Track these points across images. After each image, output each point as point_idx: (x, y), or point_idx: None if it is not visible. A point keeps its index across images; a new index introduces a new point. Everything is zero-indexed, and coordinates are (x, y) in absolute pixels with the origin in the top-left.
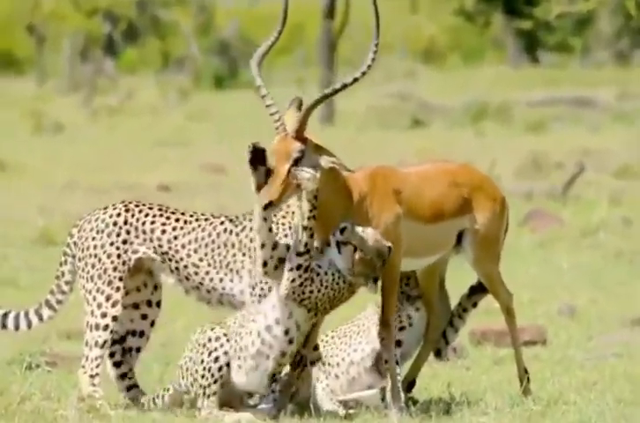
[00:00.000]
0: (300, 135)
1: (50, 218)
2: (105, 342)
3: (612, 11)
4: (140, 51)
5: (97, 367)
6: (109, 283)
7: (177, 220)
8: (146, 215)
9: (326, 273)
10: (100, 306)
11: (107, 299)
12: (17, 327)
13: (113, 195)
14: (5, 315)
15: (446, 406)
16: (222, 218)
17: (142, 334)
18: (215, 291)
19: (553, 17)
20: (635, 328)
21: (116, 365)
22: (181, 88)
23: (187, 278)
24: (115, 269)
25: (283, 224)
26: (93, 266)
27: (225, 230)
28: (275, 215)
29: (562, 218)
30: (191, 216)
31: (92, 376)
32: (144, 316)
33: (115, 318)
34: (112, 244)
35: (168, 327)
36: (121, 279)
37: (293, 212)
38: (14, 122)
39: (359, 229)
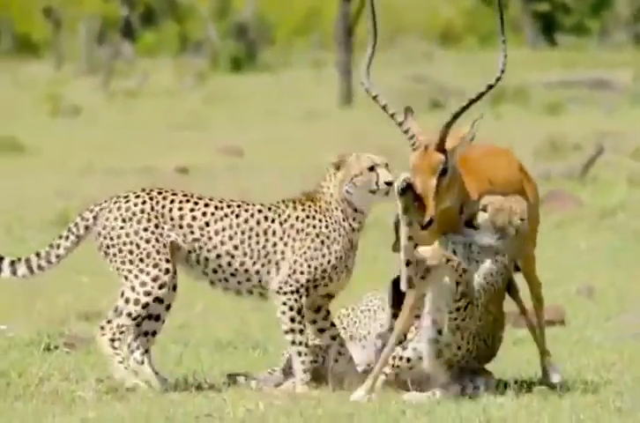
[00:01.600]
0: (441, 148)
1: (68, 201)
2: (138, 316)
3: None
4: (158, 34)
5: (120, 333)
6: (156, 265)
7: (206, 206)
8: (172, 201)
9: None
10: (144, 284)
11: (155, 279)
12: None
13: (130, 177)
14: None
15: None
16: (259, 206)
17: (158, 318)
18: (249, 282)
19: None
20: None
21: (131, 351)
22: (198, 71)
23: (214, 271)
24: (158, 252)
25: (330, 216)
26: (132, 252)
27: (265, 218)
28: (317, 205)
29: (581, 199)
30: (220, 202)
31: (112, 340)
32: (160, 300)
33: (157, 299)
34: (146, 229)
35: (186, 310)
36: (168, 261)
37: (330, 203)
38: (32, 105)
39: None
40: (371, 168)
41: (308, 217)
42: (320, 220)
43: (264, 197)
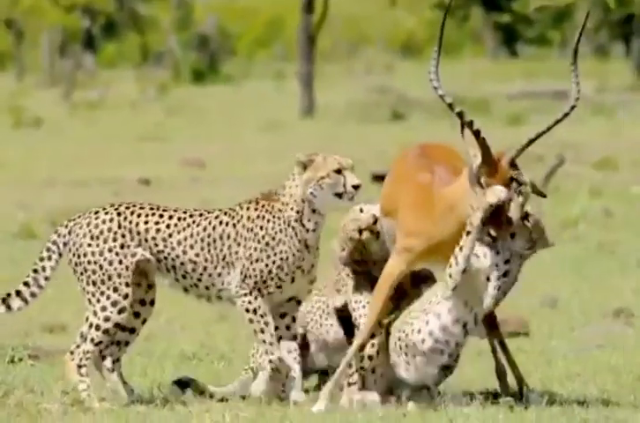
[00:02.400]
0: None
1: (30, 213)
2: (100, 342)
3: (591, 3)
4: (119, 46)
5: (86, 359)
6: (115, 289)
7: (170, 218)
8: (139, 215)
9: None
10: (104, 309)
11: (114, 304)
12: None
13: (93, 189)
14: None
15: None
16: (217, 212)
17: (132, 330)
18: (214, 286)
19: (531, 10)
20: (616, 319)
21: (102, 357)
22: (160, 83)
23: (184, 277)
24: (119, 275)
25: (279, 217)
26: (94, 272)
27: (220, 222)
28: (271, 205)
29: (543, 209)
30: (184, 212)
31: (79, 366)
32: (136, 314)
33: (117, 324)
34: (110, 250)
35: (151, 321)
36: (127, 285)
37: (287, 204)
38: None
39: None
40: (338, 171)
41: (258, 217)
42: (268, 221)
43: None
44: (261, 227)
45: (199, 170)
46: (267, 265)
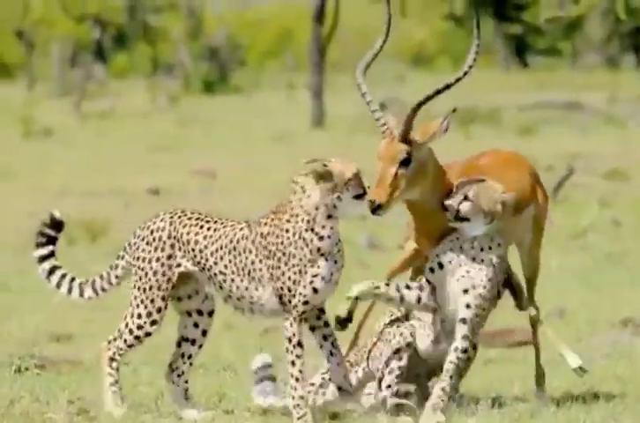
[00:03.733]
0: (405, 137)
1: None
2: (132, 345)
3: (601, 15)
4: (130, 56)
5: (120, 355)
6: (152, 301)
7: (208, 229)
8: (184, 226)
9: (482, 249)
10: (140, 316)
11: (149, 315)
12: (58, 286)
13: (104, 199)
14: (63, 276)
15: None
16: (243, 224)
17: (194, 342)
18: (244, 299)
19: (542, 21)
20: (624, 329)
21: (172, 369)
22: (170, 93)
23: (221, 287)
24: (159, 288)
25: (287, 230)
26: (141, 278)
27: (243, 236)
28: (280, 219)
29: (552, 220)
30: (221, 223)
31: (111, 359)
32: (195, 324)
33: (148, 334)
34: (158, 260)
35: (158, 330)
36: (163, 299)
37: (297, 215)
38: (4, 127)
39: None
40: (357, 174)
41: (268, 233)
42: (277, 236)
43: (235, 218)
44: (272, 244)
45: (210, 180)
46: (284, 282)
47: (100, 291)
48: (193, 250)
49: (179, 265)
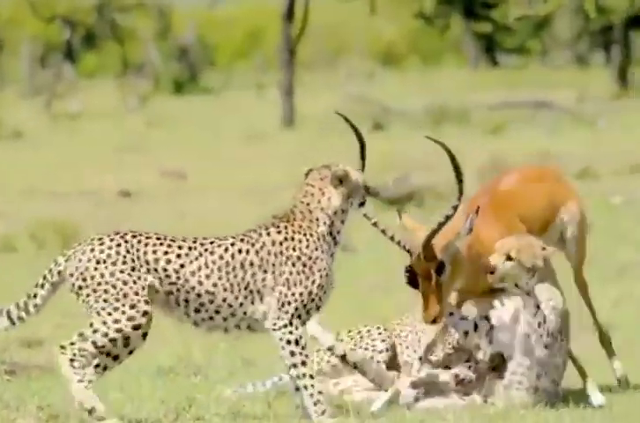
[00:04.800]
0: (429, 257)
1: (10, 224)
2: (103, 347)
3: (570, 13)
4: (99, 56)
5: (81, 356)
6: (133, 306)
7: (180, 248)
8: (146, 245)
9: None
10: (117, 321)
11: (129, 319)
12: None
13: (73, 200)
14: None
15: (404, 411)
16: (231, 240)
17: (116, 358)
18: (234, 317)
19: (511, 20)
20: (596, 330)
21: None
22: (140, 93)
23: (197, 310)
24: (136, 293)
25: (311, 234)
26: (107, 291)
27: (239, 251)
28: (300, 224)
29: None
30: (194, 242)
31: (72, 360)
32: (126, 344)
33: (127, 339)
34: (122, 271)
35: None
36: (147, 303)
37: (318, 219)
38: None
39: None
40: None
41: (286, 239)
42: (300, 241)
43: (206, 219)
44: (293, 249)
45: (180, 181)
46: (307, 287)
47: (17, 321)
48: (165, 270)
49: (146, 279)
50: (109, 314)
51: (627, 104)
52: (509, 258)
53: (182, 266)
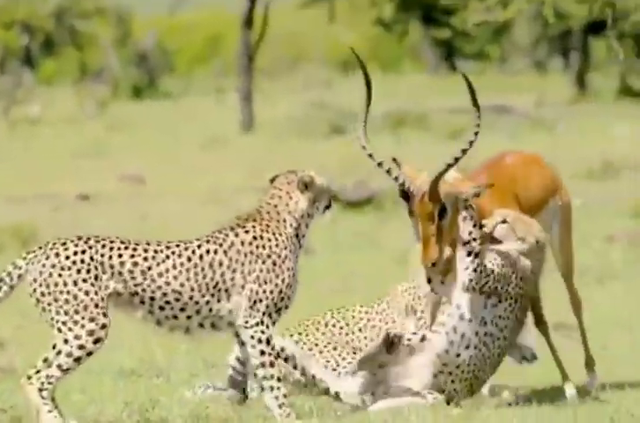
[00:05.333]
0: (434, 198)
1: None
2: (69, 369)
3: (529, 18)
4: (58, 62)
5: (49, 383)
6: (92, 319)
7: (146, 251)
8: (111, 249)
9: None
10: (78, 337)
11: (90, 334)
12: None
13: (31, 205)
14: None
15: (366, 412)
16: (197, 242)
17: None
18: (198, 315)
19: (470, 26)
20: (555, 332)
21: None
22: (99, 99)
23: (162, 308)
24: (96, 305)
25: (280, 233)
26: (67, 301)
27: (207, 251)
28: (267, 224)
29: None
30: (158, 245)
31: (40, 390)
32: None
33: (90, 354)
34: (85, 281)
35: None
36: (105, 315)
37: (285, 221)
38: None
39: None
40: (328, 186)
41: (255, 238)
42: (269, 240)
43: (166, 223)
44: (263, 247)
45: (139, 185)
46: (277, 285)
47: None
48: (130, 272)
49: (107, 287)
50: (70, 329)
51: (585, 109)
52: (503, 221)
53: (149, 268)
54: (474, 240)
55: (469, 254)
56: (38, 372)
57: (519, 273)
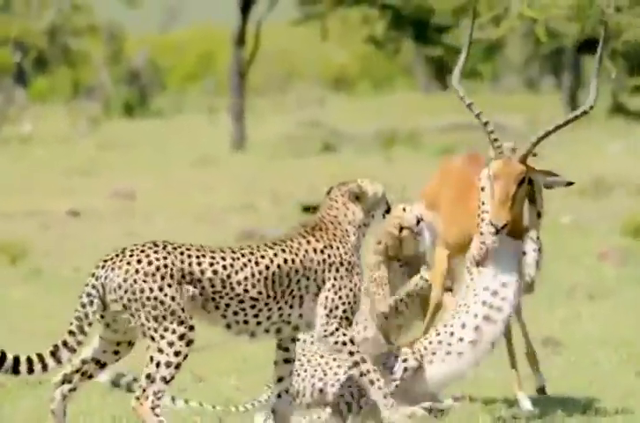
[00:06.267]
0: (523, 160)
1: None
2: (172, 378)
3: (521, 37)
4: (50, 80)
5: (158, 399)
6: (181, 323)
7: (224, 259)
8: (189, 256)
9: None
10: (171, 344)
11: (181, 338)
12: (30, 371)
13: (21, 220)
14: (16, 360)
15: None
16: (271, 251)
17: (104, 366)
18: (269, 320)
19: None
20: (544, 349)
21: (65, 381)
22: (91, 117)
23: (236, 313)
24: (182, 310)
25: (347, 242)
26: (155, 308)
27: (285, 261)
28: (334, 233)
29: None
30: (233, 252)
31: (152, 408)
32: (116, 352)
33: (186, 357)
34: (170, 286)
35: None
36: (191, 318)
37: (347, 231)
38: None
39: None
40: (384, 193)
41: (326, 247)
42: (338, 248)
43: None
44: (335, 256)
45: (129, 202)
46: (351, 290)
47: (77, 347)
48: (210, 280)
49: (187, 291)
50: (162, 336)
51: (577, 127)
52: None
53: (228, 277)
54: (538, 238)
55: (539, 250)
56: (144, 391)
57: None
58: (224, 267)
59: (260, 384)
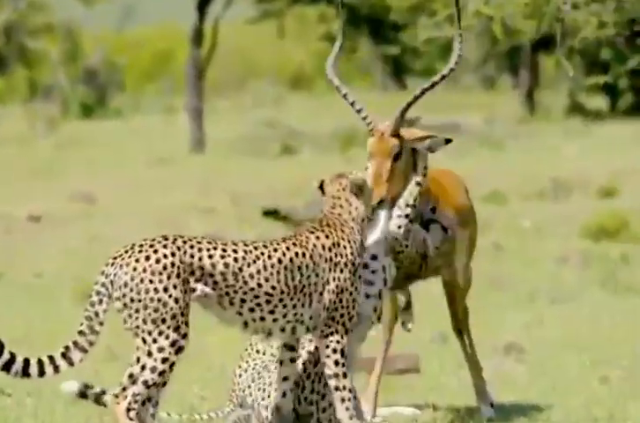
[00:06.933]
0: (395, 133)
1: None
2: (154, 384)
3: (478, 35)
4: (7, 80)
5: (135, 402)
6: (176, 329)
7: (235, 251)
8: (200, 250)
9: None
10: (161, 350)
11: (173, 344)
12: (42, 373)
13: None
14: (26, 362)
15: None
16: (284, 244)
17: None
18: (284, 318)
19: (419, 42)
20: (507, 355)
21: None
22: (49, 117)
23: (252, 310)
24: (182, 314)
25: (354, 241)
26: (157, 310)
27: (296, 254)
28: (342, 230)
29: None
30: (246, 245)
31: (128, 409)
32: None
33: (173, 365)
34: (175, 287)
35: None
36: (187, 324)
37: (352, 228)
38: None
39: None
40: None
41: (334, 245)
42: (345, 247)
43: (116, 243)
44: (341, 255)
45: (89, 205)
46: (352, 293)
47: (88, 347)
48: (222, 274)
49: (194, 290)
50: (154, 340)
51: (535, 127)
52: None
53: (240, 270)
54: (414, 207)
55: (407, 216)
56: (124, 389)
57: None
58: (235, 259)
59: (224, 393)
